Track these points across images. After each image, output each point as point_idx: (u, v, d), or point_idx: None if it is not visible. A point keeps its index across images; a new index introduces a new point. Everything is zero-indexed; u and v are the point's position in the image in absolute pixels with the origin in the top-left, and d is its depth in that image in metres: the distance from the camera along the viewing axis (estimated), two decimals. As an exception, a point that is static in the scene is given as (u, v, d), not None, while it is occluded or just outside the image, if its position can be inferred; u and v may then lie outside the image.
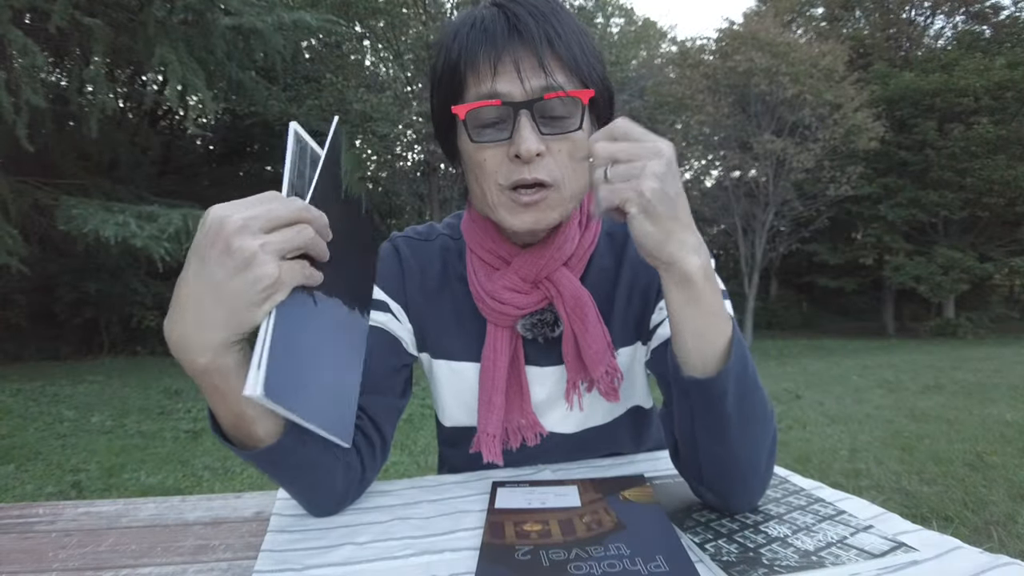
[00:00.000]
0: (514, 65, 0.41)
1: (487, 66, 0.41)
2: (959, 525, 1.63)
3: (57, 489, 2.15)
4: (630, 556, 0.35)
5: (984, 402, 3.57)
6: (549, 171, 0.42)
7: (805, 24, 12.78)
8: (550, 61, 0.41)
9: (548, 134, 0.42)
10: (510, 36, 0.41)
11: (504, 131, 0.42)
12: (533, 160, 0.41)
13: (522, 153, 0.41)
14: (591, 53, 0.44)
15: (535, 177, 0.42)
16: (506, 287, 0.48)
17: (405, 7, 8.27)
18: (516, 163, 0.42)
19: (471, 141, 0.43)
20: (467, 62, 0.42)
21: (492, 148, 0.42)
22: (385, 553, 0.37)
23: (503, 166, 0.42)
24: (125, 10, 4.57)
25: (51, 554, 0.39)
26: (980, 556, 0.34)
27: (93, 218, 4.16)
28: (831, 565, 0.33)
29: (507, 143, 0.42)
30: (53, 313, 6.52)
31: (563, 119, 0.42)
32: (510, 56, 0.41)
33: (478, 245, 0.50)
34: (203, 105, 4.78)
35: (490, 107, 0.41)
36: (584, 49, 0.43)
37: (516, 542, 0.37)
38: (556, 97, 0.41)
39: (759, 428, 0.39)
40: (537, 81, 0.41)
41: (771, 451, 0.40)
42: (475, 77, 0.42)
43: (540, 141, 0.41)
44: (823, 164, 8.65)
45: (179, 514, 0.45)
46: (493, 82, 0.41)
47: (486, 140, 0.42)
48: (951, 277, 9.57)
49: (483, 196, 0.44)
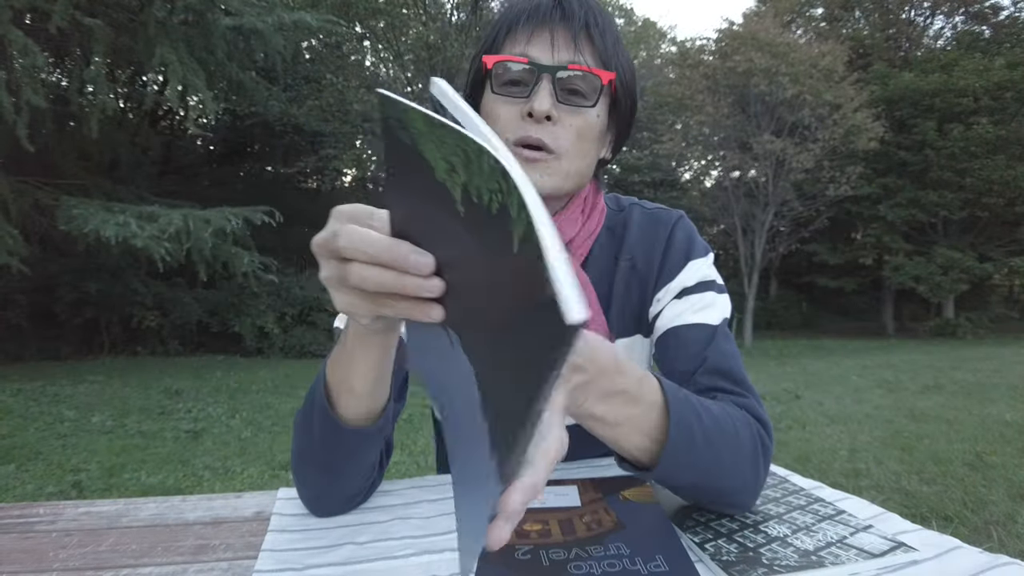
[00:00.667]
0: (549, 35, 0.44)
1: (525, 31, 0.44)
2: (959, 525, 1.63)
3: (57, 489, 2.14)
4: (630, 556, 0.35)
5: (983, 402, 3.57)
6: (555, 138, 0.44)
7: (805, 24, 12.79)
8: (583, 42, 0.44)
9: (564, 104, 0.44)
10: (553, 11, 0.44)
11: (524, 91, 0.44)
12: (543, 122, 0.43)
13: (535, 110, 0.43)
14: (623, 54, 0.46)
15: (540, 139, 0.44)
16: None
17: (405, 8, 8.27)
18: (527, 121, 0.44)
19: (492, 92, 0.45)
20: (510, 24, 0.45)
21: (509, 104, 0.45)
22: (385, 553, 0.37)
23: (514, 122, 0.44)
24: (125, 10, 4.57)
25: (52, 554, 0.39)
26: (980, 556, 0.34)
27: (93, 218, 4.16)
28: (831, 565, 0.33)
29: (524, 102, 0.44)
30: (53, 313, 6.51)
31: (581, 95, 0.44)
32: (548, 27, 0.44)
33: None
34: (203, 105, 4.78)
35: (517, 63, 0.44)
36: (617, 48, 0.46)
37: (516, 542, 0.37)
38: (579, 70, 0.43)
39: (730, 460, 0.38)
40: (566, 54, 0.44)
41: (755, 461, 0.40)
42: (512, 38, 0.45)
43: (554, 107, 0.43)
44: (823, 164, 8.66)
45: (179, 514, 0.45)
46: (527, 45, 0.44)
47: (506, 95, 0.45)
48: (950, 277, 9.57)
49: None
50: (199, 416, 3.51)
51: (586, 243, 0.50)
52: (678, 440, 0.34)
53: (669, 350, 0.47)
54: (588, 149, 0.46)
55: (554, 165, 0.44)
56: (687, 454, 0.35)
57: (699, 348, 0.46)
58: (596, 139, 0.46)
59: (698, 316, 0.47)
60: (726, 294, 0.50)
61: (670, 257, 0.50)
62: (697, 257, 0.50)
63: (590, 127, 0.45)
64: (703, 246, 0.51)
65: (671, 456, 0.34)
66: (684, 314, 0.48)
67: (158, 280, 6.51)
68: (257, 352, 6.82)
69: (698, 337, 0.46)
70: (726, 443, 0.38)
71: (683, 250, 0.50)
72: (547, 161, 0.44)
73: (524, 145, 0.44)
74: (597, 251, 0.51)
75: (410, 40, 8.63)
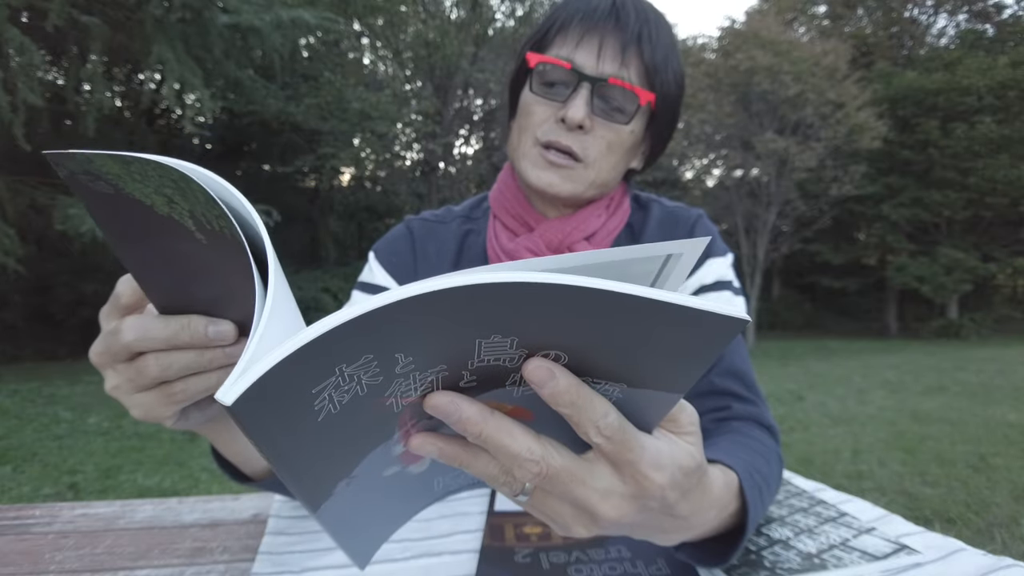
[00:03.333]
0: (598, 43, 0.43)
1: (575, 34, 0.44)
2: (962, 527, 1.63)
3: (54, 490, 2.14)
4: (631, 559, 0.35)
5: (987, 403, 3.56)
6: (584, 147, 0.44)
7: (807, 23, 12.76)
8: (632, 54, 0.43)
9: (599, 116, 0.44)
10: (608, 18, 0.44)
11: (562, 94, 0.44)
12: (575, 130, 0.43)
13: (567, 118, 0.43)
14: (672, 69, 0.45)
15: (568, 145, 0.44)
16: (528, 248, 0.47)
17: (404, 5, 8.26)
18: (559, 126, 0.44)
19: (530, 91, 0.45)
20: (562, 23, 0.45)
21: (545, 104, 0.44)
22: (384, 556, 0.37)
23: (546, 123, 0.44)
24: (122, 8, 4.55)
25: (48, 556, 0.38)
26: (983, 558, 0.34)
27: (90, 218, 4.15)
28: (833, 567, 0.33)
29: (560, 106, 0.44)
30: (50, 313, 6.51)
31: (618, 110, 0.44)
32: (598, 35, 0.43)
33: (503, 210, 0.50)
34: (201, 103, 4.77)
35: (559, 67, 0.43)
36: (667, 63, 0.45)
37: (516, 544, 0.37)
38: (619, 85, 0.43)
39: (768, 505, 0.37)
40: (611, 66, 0.43)
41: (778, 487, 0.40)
42: (562, 39, 0.44)
43: (588, 117, 0.43)
44: (825, 163, 8.64)
45: (176, 516, 0.45)
46: (574, 50, 0.44)
47: (543, 95, 0.45)
48: (954, 277, 9.55)
49: (518, 145, 0.46)
50: (199, 415, 3.52)
51: (608, 238, 0.49)
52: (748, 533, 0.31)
53: None
54: (617, 162, 0.45)
55: (579, 172, 0.44)
56: (749, 537, 0.32)
57: None
58: (627, 152, 0.46)
59: None
60: (743, 297, 0.49)
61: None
62: (716, 256, 0.49)
63: (621, 141, 0.45)
64: (722, 246, 0.51)
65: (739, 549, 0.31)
66: None
67: (158, 279, 6.49)
68: (256, 352, 6.84)
69: None
70: (771, 499, 0.37)
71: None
72: (572, 168, 0.44)
73: (553, 148, 0.44)
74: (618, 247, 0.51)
75: (409, 37, 8.62)
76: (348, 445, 0.19)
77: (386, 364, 0.16)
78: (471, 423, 0.18)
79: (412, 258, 0.52)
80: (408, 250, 0.52)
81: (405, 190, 10.14)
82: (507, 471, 0.20)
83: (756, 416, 0.43)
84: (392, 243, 0.53)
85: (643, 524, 0.23)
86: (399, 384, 0.17)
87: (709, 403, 0.44)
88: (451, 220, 0.54)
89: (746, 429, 0.41)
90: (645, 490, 0.20)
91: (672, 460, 0.21)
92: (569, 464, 0.20)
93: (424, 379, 0.18)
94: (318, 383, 0.15)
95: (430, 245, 0.52)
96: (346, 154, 8.42)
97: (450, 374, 0.18)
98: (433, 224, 0.53)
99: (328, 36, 7.47)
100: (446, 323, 0.15)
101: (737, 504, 0.31)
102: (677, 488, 0.21)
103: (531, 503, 0.22)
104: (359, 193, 10.34)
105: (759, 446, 0.39)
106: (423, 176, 9.61)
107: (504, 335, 0.16)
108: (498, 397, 0.20)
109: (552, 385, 0.18)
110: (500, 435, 0.19)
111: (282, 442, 0.16)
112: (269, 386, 0.14)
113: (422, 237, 0.52)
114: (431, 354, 0.17)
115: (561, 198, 0.46)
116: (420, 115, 8.74)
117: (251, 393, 0.13)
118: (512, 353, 0.17)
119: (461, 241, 0.52)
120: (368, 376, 0.16)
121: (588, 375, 0.18)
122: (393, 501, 0.25)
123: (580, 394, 0.18)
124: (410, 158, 10.23)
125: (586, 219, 0.47)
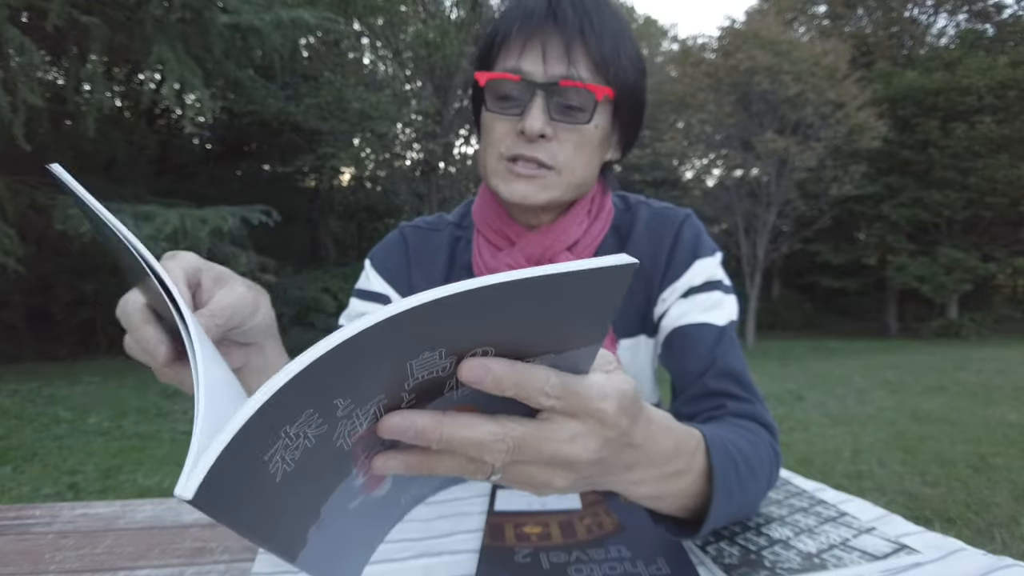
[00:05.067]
0: (541, 47, 0.42)
1: (518, 43, 0.43)
2: (962, 527, 1.63)
3: (54, 490, 2.14)
4: (631, 558, 0.35)
5: (987, 403, 3.56)
6: (551, 155, 0.43)
7: (807, 22, 12.76)
8: (577, 51, 0.42)
9: (558, 120, 0.43)
10: (546, 19, 0.42)
11: (518, 107, 0.43)
12: (536, 140, 0.43)
13: (526, 130, 0.42)
14: (626, 55, 0.43)
15: (534, 156, 0.43)
16: (509, 265, 0.47)
17: (404, 5, 8.26)
18: (521, 139, 0.43)
19: (486, 110, 0.45)
20: (502, 35, 0.44)
21: (503, 120, 0.44)
22: (384, 555, 0.37)
23: (508, 138, 0.44)
24: (122, 8, 4.55)
25: (48, 556, 0.39)
26: (983, 558, 0.34)
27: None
28: (833, 567, 0.33)
29: (517, 118, 0.43)
30: (50, 313, 6.51)
31: (576, 110, 0.43)
32: (540, 38, 0.42)
33: (486, 225, 0.50)
34: (201, 104, 4.77)
35: (509, 81, 0.43)
36: (619, 50, 0.43)
37: (516, 544, 0.37)
38: (572, 86, 0.42)
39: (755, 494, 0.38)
40: (559, 68, 0.42)
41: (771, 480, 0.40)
42: (506, 51, 0.44)
43: (548, 124, 0.42)
44: (825, 163, 8.64)
45: (176, 516, 0.45)
46: (519, 59, 0.43)
47: (500, 111, 0.44)
48: (954, 277, 9.55)
49: (485, 163, 0.46)
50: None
51: (591, 246, 0.49)
52: (721, 499, 0.33)
53: (676, 350, 0.46)
54: (588, 160, 0.44)
55: (552, 179, 0.44)
56: (725, 508, 0.34)
57: (707, 348, 0.45)
58: (597, 148, 0.45)
59: (705, 316, 0.46)
60: (733, 295, 0.49)
61: (676, 256, 0.49)
62: (704, 256, 0.49)
63: (588, 140, 0.44)
64: (711, 245, 0.50)
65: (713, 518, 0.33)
66: (691, 313, 0.47)
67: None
68: (256, 352, 6.83)
69: (706, 337, 0.45)
70: (756, 483, 0.37)
71: (690, 249, 0.49)
72: (544, 176, 0.43)
73: (519, 160, 0.43)
74: (602, 250, 0.51)
75: (409, 38, 8.61)
76: (309, 496, 0.20)
77: (327, 412, 0.17)
78: (429, 430, 0.19)
79: (406, 265, 0.52)
80: (403, 257, 0.53)
81: (405, 190, 10.13)
82: (475, 460, 0.21)
83: (751, 414, 0.42)
84: (387, 250, 0.53)
85: (610, 461, 0.24)
86: (344, 426, 0.18)
87: (704, 404, 0.44)
88: (444, 228, 0.54)
89: (736, 421, 0.41)
90: (602, 422, 0.22)
91: (613, 388, 0.22)
92: (530, 429, 0.21)
93: (367, 412, 0.19)
94: (267, 450, 0.16)
95: (424, 252, 0.53)
96: (346, 154, 8.42)
97: (390, 400, 0.19)
98: (427, 232, 0.54)
99: (328, 36, 7.47)
100: (375, 359, 0.16)
101: (704, 461, 0.32)
102: (626, 413, 0.23)
103: (506, 477, 0.23)
104: (359, 193, 10.34)
105: (744, 432, 0.39)
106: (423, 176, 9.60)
107: (432, 349, 0.18)
108: (439, 406, 0.21)
109: (490, 378, 0.19)
110: (460, 431, 0.20)
111: (248, 513, 0.17)
112: (223, 470, 0.15)
113: (416, 244, 0.53)
114: (367, 390, 0.18)
115: (540, 206, 0.45)
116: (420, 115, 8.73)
117: (208, 481, 0.14)
118: (443, 363, 0.19)
119: (452, 249, 0.53)
120: (313, 429, 0.17)
121: (518, 358, 0.20)
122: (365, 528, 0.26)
123: (519, 373, 0.19)
124: (410, 158, 10.22)
125: (566, 229, 0.47)
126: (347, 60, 8.92)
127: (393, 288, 0.51)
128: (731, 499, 0.34)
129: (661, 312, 0.49)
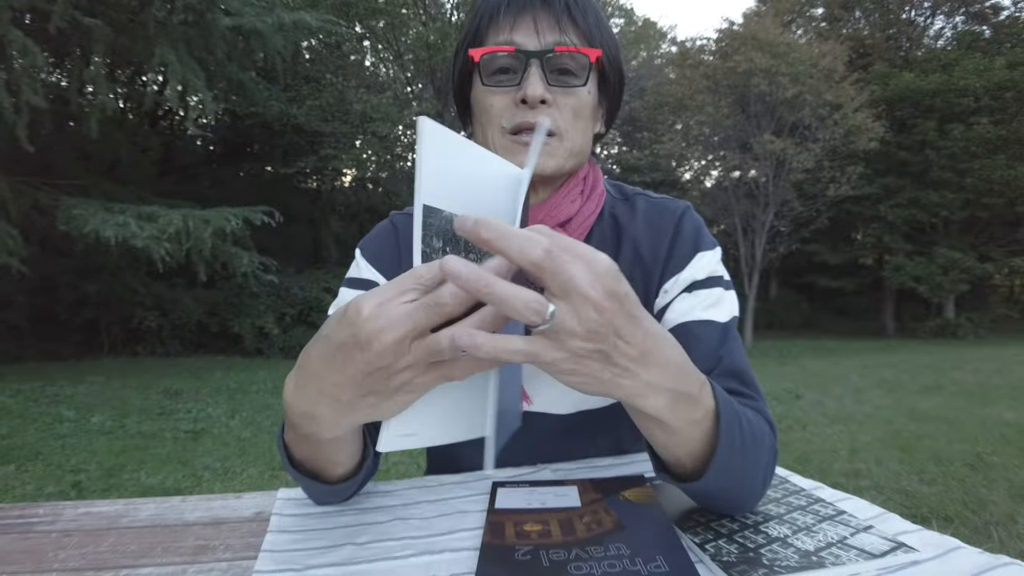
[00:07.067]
0: (532, 20, 0.44)
1: (507, 19, 0.44)
2: (959, 525, 1.64)
3: (57, 489, 2.15)
4: (630, 556, 0.35)
5: (984, 402, 3.57)
6: (552, 119, 0.44)
7: (805, 24, 12.79)
8: (567, 22, 0.44)
9: (555, 86, 0.44)
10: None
11: (514, 78, 0.44)
12: (537, 106, 0.44)
13: (528, 97, 0.43)
14: (606, 30, 0.46)
15: (538, 121, 0.43)
16: None
17: (405, 7, 8.27)
18: (521, 108, 0.44)
19: (482, 85, 0.45)
20: (491, 15, 0.45)
21: (500, 93, 0.45)
22: (385, 553, 0.37)
23: (508, 110, 0.44)
24: (125, 10, 4.57)
25: (51, 554, 0.39)
26: (980, 556, 0.34)
27: (93, 218, 4.16)
28: (831, 565, 0.33)
29: (515, 89, 0.44)
30: (53, 313, 6.51)
31: (571, 75, 0.44)
32: (530, 13, 0.44)
33: None
34: (203, 105, 4.78)
35: (504, 53, 0.44)
36: (600, 25, 0.46)
37: (516, 542, 0.37)
38: (567, 51, 0.43)
39: (753, 467, 0.38)
40: (552, 36, 0.44)
41: (769, 467, 0.40)
42: (495, 28, 0.45)
43: (547, 90, 0.43)
44: (823, 164, 8.66)
45: (179, 514, 0.45)
46: (511, 33, 0.44)
47: (496, 85, 0.45)
48: (951, 277, 9.57)
49: (485, 141, 0.46)
50: (199, 416, 3.50)
51: (585, 223, 0.49)
52: (725, 448, 0.33)
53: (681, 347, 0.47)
54: (585, 126, 0.46)
55: (556, 146, 0.45)
56: (728, 461, 0.34)
57: (713, 347, 0.44)
58: (591, 115, 0.47)
59: (709, 313, 0.46)
60: (733, 291, 0.49)
61: (678, 247, 0.49)
62: (706, 249, 0.49)
63: (584, 105, 0.45)
64: (711, 239, 0.50)
65: (718, 466, 0.33)
66: (695, 310, 0.46)
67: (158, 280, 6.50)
68: (257, 352, 6.82)
69: (711, 335, 0.45)
70: (756, 451, 0.37)
71: (691, 240, 0.49)
72: (549, 143, 0.44)
73: (522, 131, 0.44)
74: (598, 235, 0.50)
75: (410, 40, 8.63)
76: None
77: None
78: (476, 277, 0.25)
79: (397, 253, 0.52)
80: (393, 245, 0.52)
81: (406, 191, 10.13)
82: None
83: (755, 409, 0.42)
84: (378, 239, 0.53)
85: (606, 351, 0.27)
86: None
87: None
88: None
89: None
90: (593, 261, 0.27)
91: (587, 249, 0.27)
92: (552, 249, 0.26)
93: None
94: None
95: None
96: (348, 155, 8.43)
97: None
98: None
99: (330, 38, 7.50)
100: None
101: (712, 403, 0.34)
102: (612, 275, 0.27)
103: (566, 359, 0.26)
104: (361, 194, 10.35)
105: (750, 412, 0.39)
106: (423, 177, 9.60)
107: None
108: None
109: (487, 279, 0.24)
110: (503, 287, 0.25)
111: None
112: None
113: (406, 232, 0.52)
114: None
115: (546, 176, 0.46)
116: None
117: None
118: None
119: None
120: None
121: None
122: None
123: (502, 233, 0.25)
124: (411, 160, 10.24)
125: (558, 205, 0.47)
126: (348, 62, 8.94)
127: (384, 276, 0.51)
128: (733, 452, 0.34)
129: (664, 304, 0.48)
